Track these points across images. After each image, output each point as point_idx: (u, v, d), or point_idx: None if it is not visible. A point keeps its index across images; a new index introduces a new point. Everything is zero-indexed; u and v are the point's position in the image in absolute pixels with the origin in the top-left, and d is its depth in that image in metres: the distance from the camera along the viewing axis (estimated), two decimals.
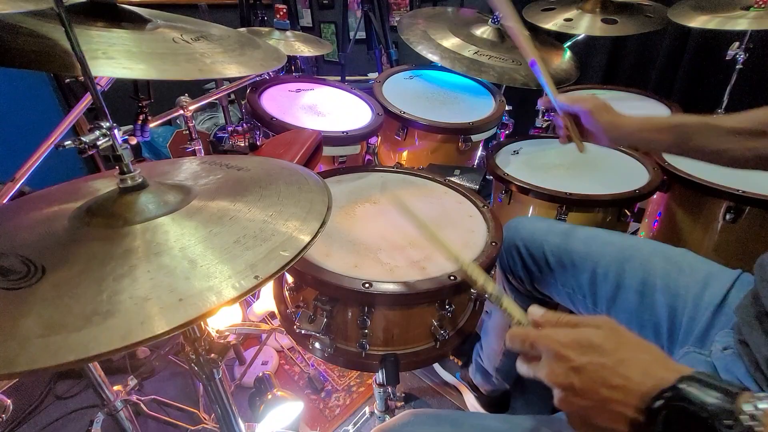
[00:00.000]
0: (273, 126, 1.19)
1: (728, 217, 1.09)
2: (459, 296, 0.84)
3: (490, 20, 1.54)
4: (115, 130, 0.50)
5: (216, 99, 1.67)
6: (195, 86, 2.43)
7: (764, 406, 0.34)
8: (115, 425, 0.90)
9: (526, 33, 0.95)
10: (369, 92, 1.49)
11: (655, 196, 1.27)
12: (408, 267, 0.78)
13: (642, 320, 0.78)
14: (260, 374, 1.08)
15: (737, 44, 1.47)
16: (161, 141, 2.59)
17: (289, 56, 1.74)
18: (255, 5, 2.32)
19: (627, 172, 1.23)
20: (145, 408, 1.15)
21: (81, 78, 0.47)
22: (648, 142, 0.86)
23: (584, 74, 1.65)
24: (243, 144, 1.41)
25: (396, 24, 1.86)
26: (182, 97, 1.24)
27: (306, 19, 3.59)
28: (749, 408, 0.34)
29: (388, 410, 0.99)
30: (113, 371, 1.35)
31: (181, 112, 1.24)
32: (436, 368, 1.41)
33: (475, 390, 1.27)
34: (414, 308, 0.79)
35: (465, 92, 1.59)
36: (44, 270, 0.42)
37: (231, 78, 1.56)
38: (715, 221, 1.13)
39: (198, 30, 0.80)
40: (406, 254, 0.81)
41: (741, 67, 1.49)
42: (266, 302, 1.46)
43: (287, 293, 0.92)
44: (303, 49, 1.56)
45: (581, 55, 1.67)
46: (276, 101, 1.34)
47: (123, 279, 0.41)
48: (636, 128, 0.85)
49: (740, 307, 0.63)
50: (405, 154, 1.53)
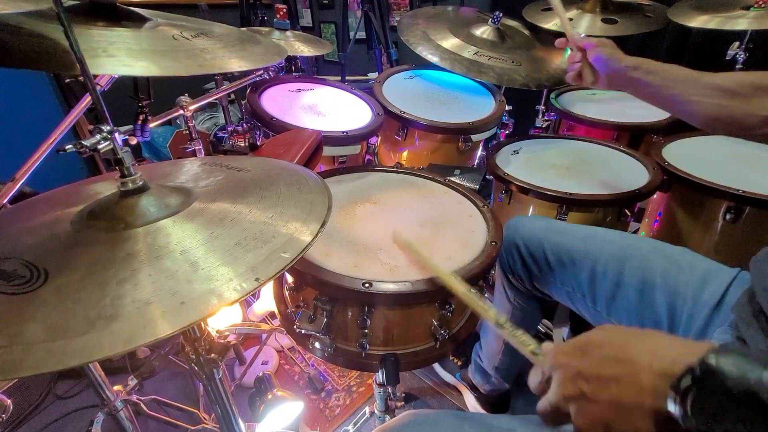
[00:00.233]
0: (273, 126, 1.19)
1: (728, 217, 1.09)
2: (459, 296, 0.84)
3: (490, 20, 1.54)
4: (116, 134, 0.50)
5: (216, 99, 1.67)
6: (195, 86, 2.43)
7: None
8: (115, 425, 0.90)
9: None
10: (369, 92, 1.49)
11: (655, 196, 1.27)
12: (408, 267, 0.78)
13: (642, 318, 0.78)
14: (260, 374, 1.08)
15: (737, 44, 1.47)
16: (161, 141, 2.59)
17: (289, 56, 1.73)
18: (255, 5, 2.32)
19: (627, 172, 1.23)
20: (145, 408, 1.16)
21: (81, 78, 0.47)
22: (637, 83, 0.90)
23: None
24: (243, 144, 1.41)
25: (396, 24, 1.86)
26: (182, 97, 1.24)
27: (306, 19, 3.59)
28: None
29: (388, 410, 0.99)
30: (113, 371, 1.35)
31: (181, 112, 1.24)
32: (436, 368, 1.41)
33: (475, 390, 1.27)
34: (414, 308, 0.79)
35: (465, 92, 1.59)
36: (47, 274, 0.42)
37: (231, 77, 1.56)
38: (715, 221, 1.13)
39: (198, 27, 0.80)
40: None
41: (741, 67, 1.49)
42: (266, 302, 1.46)
43: (287, 293, 0.92)
44: (303, 49, 1.56)
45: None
46: (276, 101, 1.34)
47: (125, 283, 0.41)
48: (631, 64, 0.91)
49: (737, 305, 0.63)
50: (405, 154, 1.53)
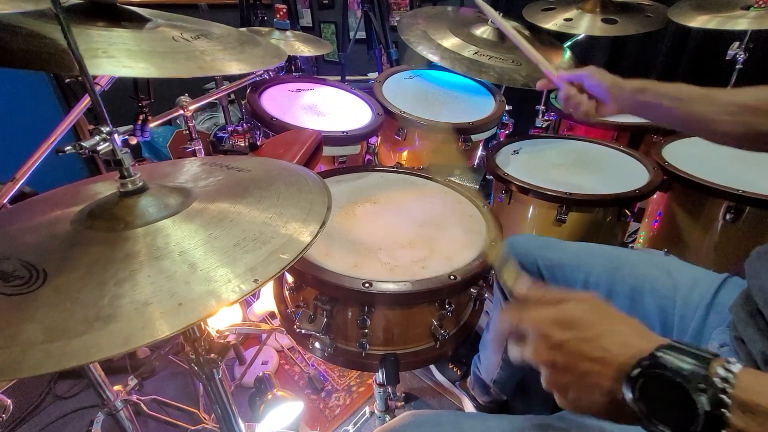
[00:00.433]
0: (273, 126, 1.19)
1: (728, 217, 1.09)
2: (459, 296, 0.84)
3: (490, 20, 1.54)
4: (115, 135, 0.50)
5: (216, 99, 1.67)
6: (195, 86, 2.43)
7: (736, 370, 0.35)
8: (115, 425, 0.90)
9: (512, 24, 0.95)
10: (369, 92, 1.49)
11: (655, 196, 1.27)
12: (408, 266, 0.78)
13: None
14: (260, 374, 1.08)
15: (737, 44, 1.46)
16: (161, 141, 2.59)
17: (289, 56, 1.73)
18: (255, 5, 2.32)
19: (627, 172, 1.23)
20: (145, 408, 1.16)
21: (81, 78, 0.47)
22: (647, 106, 0.85)
23: None
24: (243, 144, 1.41)
25: (396, 24, 1.86)
26: (182, 97, 1.24)
27: (306, 19, 3.59)
28: (721, 372, 0.35)
29: (388, 410, 0.99)
30: (113, 371, 1.35)
31: (181, 112, 1.24)
32: (437, 376, 1.41)
33: (474, 400, 1.28)
34: (414, 308, 0.79)
35: (465, 92, 1.59)
36: (46, 275, 0.42)
37: (231, 78, 1.56)
38: (715, 221, 1.13)
39: (198, 28, 0.80)
40: (406, 254, 0.81)
41: (741, 67, 1.49)
42: (266, 302, 1.46)
43: (287, 293, 0.92)
44: (303, 49, 1.56)
45: (581, 55, 1.67)
46: (276, 101, 1.34)
47: (124, 283, 0.41)
48: (638, 88, 0.85)
49: (734, 305, 0.64)
50: (405, 154, 1.53)
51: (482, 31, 1.53)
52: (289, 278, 0.87)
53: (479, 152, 1.57)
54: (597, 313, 0.45)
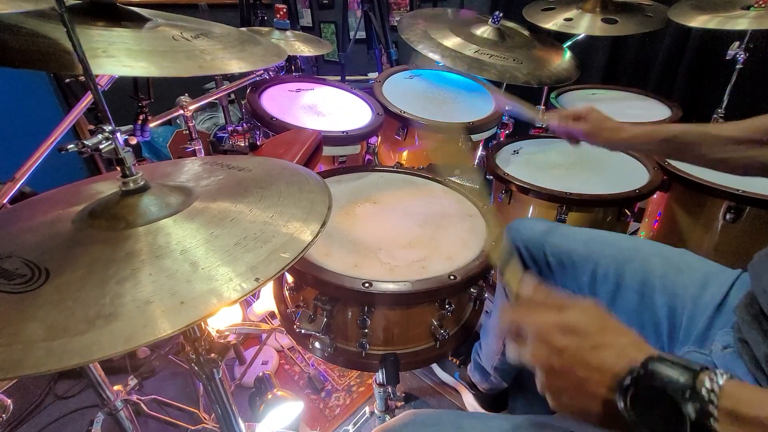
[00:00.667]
0: (273, 126, 1.19)
1: (728, 217, 1.09)
2: (459, 296, 0.84)
3: (490, 20, 1.54)
4: (118, 134, 0.50)
5: (216, 99, 1.67)
6: (195, 86, 2.43)
7: (722, 382, 0.37)
8: (115, 425, 0.90)
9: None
10: (369, 92, 1.49)
11: (655, 196, 1.27)
12: (408, 266, 0.78)
13: (642, 320, 0.78)
14: (260, 374, 1.08)
15: (737, 44, 1.46)
16: (161, 141, 2.58)
17: (289, 56, 1.73)
18: (255, 5, 2.31)
19: (627, 172, 1.23)
20: (145, 408, 1.15)
21: (82, 78, 0.47)
22: (647, 152, 0.92)
23: (584, 74, 1.65)
24: (243, 144, 1.41)
25: (396, 24, 1.86)
26: (182, 97, 1.24)
27: (306, 19, 3.58)
28: (707, 383, 0.37)
29: (388, 410, 0.99)
30: (113, 371, 1.35)
31: (181, 112, 1.24)
32: (435, 369, 1.41)
33: (474, 388, 1.27)
34: (414, 308, 0.79)
35: (465, 92, 1.59)
36: (48, 273, 0.42)
37: (231, 77, 1.56)
38: (715, 221, 1.13)
39: (198, 28, 0.80)
40: (406, 254, 0.81)
41: (741, 67, 1.49)
42: (266, 302, 1.46)
43: (287, 293, 0.92)
44: (303, 49, 1.56)
45: (581, 55, 1.67)
46: (276, 101, 1.34)
47: (125, 282, 0.41)
48: (636, 141, 0.89)
49: (739, 307, 0.64)
50: (405, 154, 1.53)
51: (482, 31, 1.53)
52: (289, 278, 0.87)
53: (479, 152, 1.57)
54: (598, 323, 0.46)
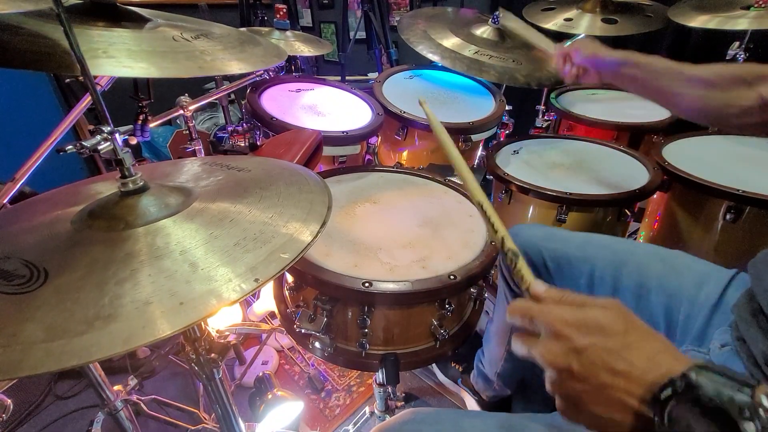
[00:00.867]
0: (273, 126, 1.19)
1: (728, 217, 1.09)
2: (459, 296, 0.84)
3: (490, 20, 1.54)
4: (117, 135, 0.50)
5: (216, 99, 1.67)
6: (195, 86, 2.43)
7: None
8: (115, 425, 0.90)
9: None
10: (369, 92, 1.49)
11: (655, 196, 1.27)
12: (408, 266, 0.78)
13: None
14: (260, 374, 1.08)
15: (737, 44, 1.46)
16: (161, 141, 2.59)
17: (289, 56, 1.73)
18: (255, 5, 2.31)
19: (627, 172, 1.23)
20: (146, 408, 1.16)
21: (81, 78, 0.47)
22: (624, 78, 0.95)
23: None
24: (243, 144, 1.41)
25: (396, 24, 1.86)
26: (182, 97, 1.24)
27: (306, 19, 3.59)
28: (765, 401, 0.33)
29: (388, 410, 0.99)
30: (113, 371, 1.35)
31: (181, 112, 1.24)
32: (438, 376, 1.41)
33: (477, 395, 1.27)
34: (414, 308, 0.79)
35: (465, 92, 1.59)
36: (47, 274, 0.42)
37: (231, 78, 1.56)
38: (715, 221, 1.13)
39: (198, 28, 0.80)
40: (406, 254, 0.81)
41: None
42: (266, 302, 1.46)
43: (287, 293, 0.92)
44: (303, 49, 1.56)
45: None
46: (276, 101, 1.34)
47: (125, 283, 0.41)
48: (618, 61, 0.96)
49: (737, 305, 0.64)
50: (405, 154, 1.53)
51: (482, 31, 1.53)
52: (289, 278, 0.87)
53: (479, 152, 1.57)
54: (623, 323, 0.42)
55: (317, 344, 0.81)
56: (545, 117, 1.80)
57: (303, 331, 0.78)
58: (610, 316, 0.42)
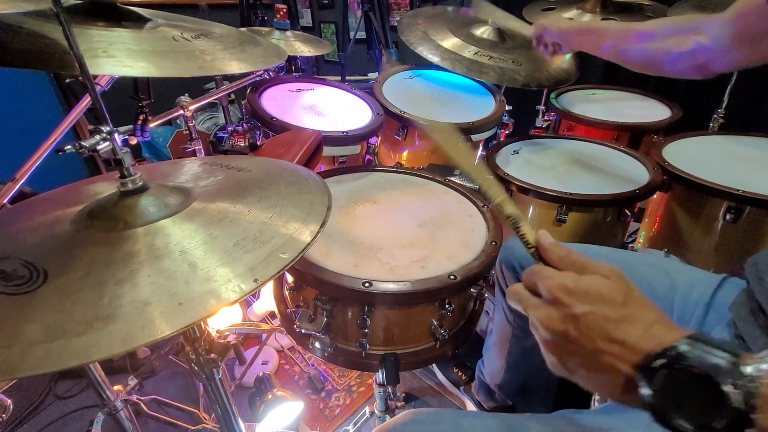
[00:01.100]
0: (273, 126, 1.19)
1: (728, 217, 1.09)
2: (459, 296, 0.84)
3: (490, 20, 1.54)
4: (116, 135, 0.50)
5: (216, 99, 1.67)
6: (195, 86, 2.43)
7: (766, 367, 0.34)
8: (115, 425, 0.90)
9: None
10: (369, 92, 1.49)
11: (656, 196, 1.27)
12: (408, 266, 0.78)
13: None
14: (260, 374, 1.08)
15: None
16: (161, 141, 2.59)
17: (289, 56, 1.73)
18: (255, 5, 2.31)
19: (627, 172, 1.23)
20: (145, 408, 1.16)
21: (81, 78, 0.47)
22: (585, 43, 1.10)
23: (584, 74, 1.64)
24: (243, 144, 1.41)
25: (396, 24, 1.86)
26: (182, 97, 1.24)
27: (306, 19, 3.59)
28: (752, 369, 0.34)
29: (389, 410, 0.99)
30: (113, 371, 1.35)
31: (181, 112, 1.24)
32: (437, 374, 1.41)
33: (479, 406, 1.28)
34: (414, 307, 0.79)
35: (465, 92, 1.59)
36: (46, 274, 0.42)
37: (231, 78, 1.56)
38: (716, 221, 1.13)
39: (198, 28, 0.80)
40: (406, 253, 0.81)
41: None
42: (266, 302, 1.46)
43: (287, 293, 0.92)
44: (303, 49, 1.56)
45: (581, 55, 1.66)
46: (276, 101, 1.33)
47: (124, 283, 0.41)
48: (580, 30, 1.12)
49: (735, 304, 0.64)
50: (405, 154, 1.53)
51: (482, 32, 1.53)
52: (289, 278, 0.87)
53: (479, 152, 1.57)
54: (623, 294, 0.43)
55: (317, 344, 0.81)
56: (545, 117, 1.80)
57: (303, 331, 0.78)
58: (611, 286, 0.43)
